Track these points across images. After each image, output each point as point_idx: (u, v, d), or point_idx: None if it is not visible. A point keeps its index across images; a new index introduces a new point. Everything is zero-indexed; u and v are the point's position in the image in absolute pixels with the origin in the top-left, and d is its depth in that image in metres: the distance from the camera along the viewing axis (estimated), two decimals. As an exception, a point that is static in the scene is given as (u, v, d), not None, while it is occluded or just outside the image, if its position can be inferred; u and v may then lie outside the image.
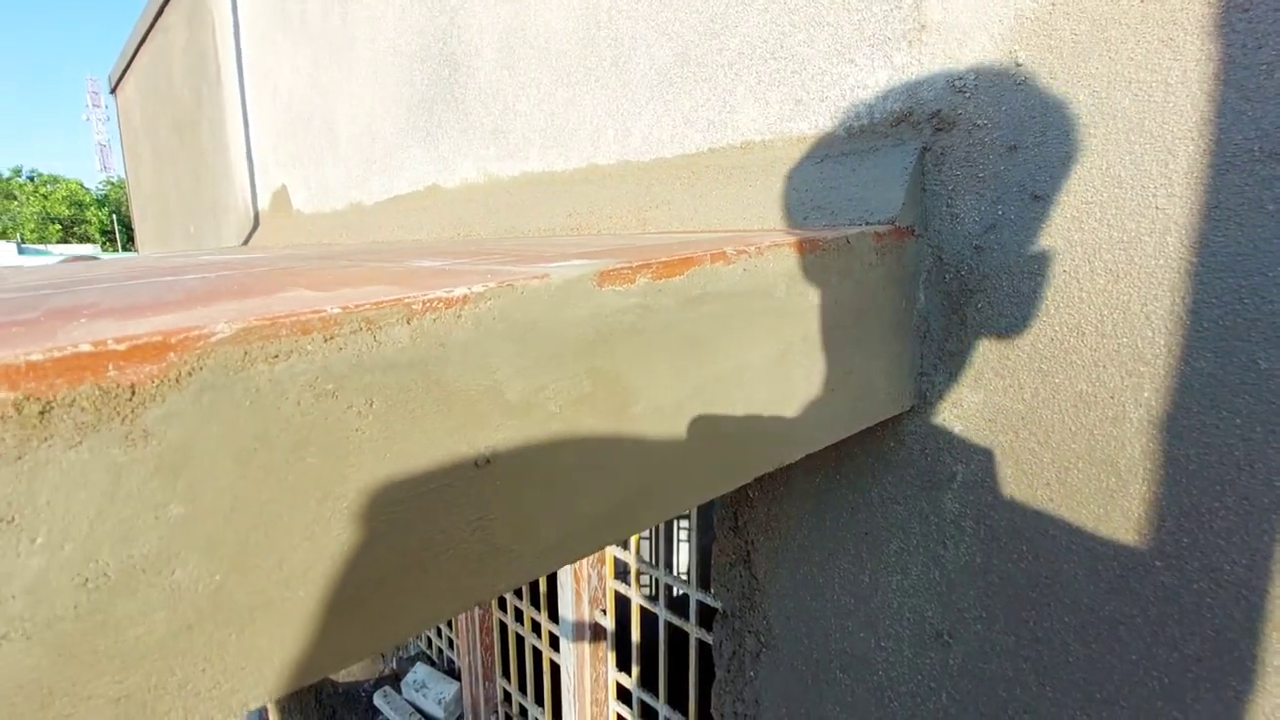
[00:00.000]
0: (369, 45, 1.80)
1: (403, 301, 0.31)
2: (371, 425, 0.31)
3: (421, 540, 0.33)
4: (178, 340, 0.25)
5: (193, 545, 0.26)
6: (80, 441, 0.24)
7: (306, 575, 0.29)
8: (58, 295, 0.46)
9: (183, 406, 0.26)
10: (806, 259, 0.59)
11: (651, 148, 1.07)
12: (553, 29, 1.22)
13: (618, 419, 0.42)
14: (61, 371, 0.23)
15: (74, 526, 0.24)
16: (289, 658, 0.29)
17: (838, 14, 0.82)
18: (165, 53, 3.90)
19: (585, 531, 0.42)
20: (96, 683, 0.24)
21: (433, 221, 1.61)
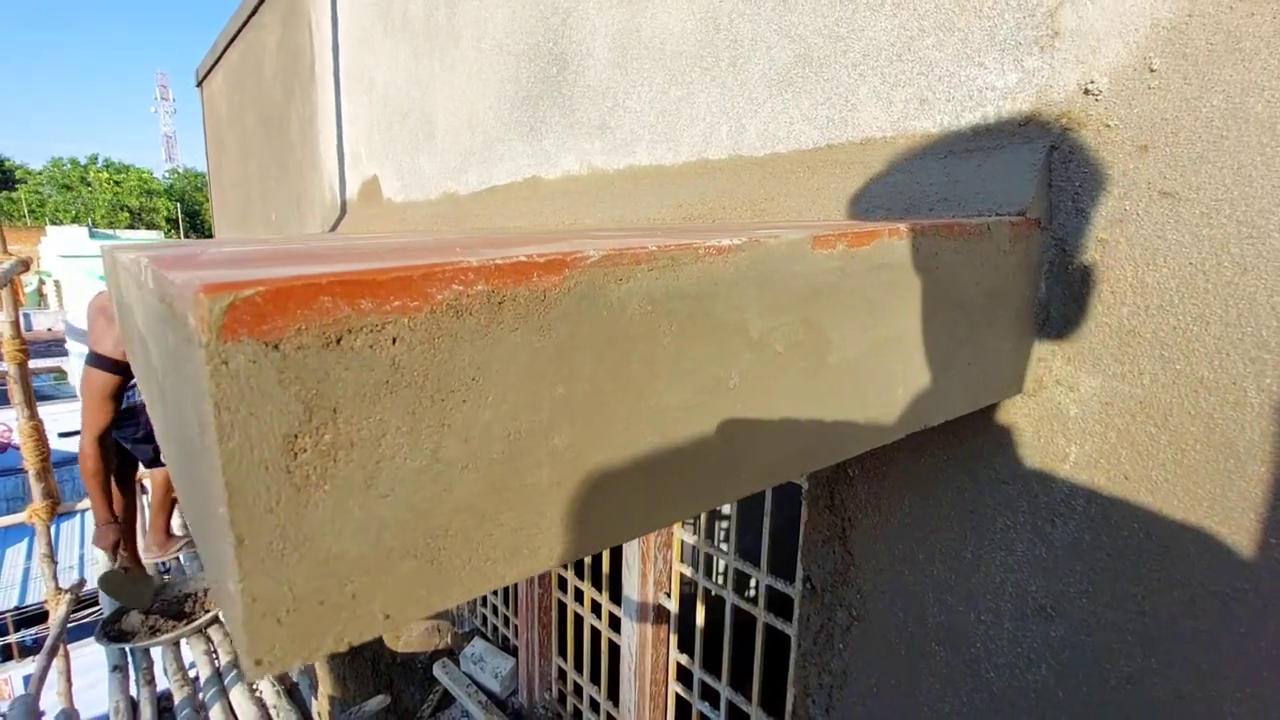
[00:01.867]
0: (475, 44, 1.91)
1: (691, 245, 0.39)
2: (670, 342, 0.39)
3: (690, 441, 0.40)
4: (571, 259, 0.33)
5: (566, 419, 0.34)
6: (517, 328, 0.31)
7: (625, 455, 0.37)
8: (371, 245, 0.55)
9: (569, 310, 0.34)
10: (957, 241, 0.65)
11: (767, 143, 1.14)
12: (669, 30, 1.30)
13: (819, 364, 0.49)
14: (510, 274, 0.31)
15: (508, 392, 0.31)
16: (611, 518, 0.37)
17: (969, 21, 0.88)
18: (256, 50, 4.12)
19: (786, 459, 0.48)
20: (505, 514, 0.32)
21: (533, 211, 1.71)
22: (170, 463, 0.43)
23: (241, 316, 0.23)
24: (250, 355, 0.24)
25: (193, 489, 0.32)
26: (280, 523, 0.25)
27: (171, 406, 0.37)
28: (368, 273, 0.27)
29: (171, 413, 0.38)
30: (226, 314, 0.23)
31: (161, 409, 0.46)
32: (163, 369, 0.40)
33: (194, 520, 0.34)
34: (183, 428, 0.32)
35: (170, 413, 0.39)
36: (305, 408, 0.25)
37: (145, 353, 0.53)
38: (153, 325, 0.41)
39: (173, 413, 0.37)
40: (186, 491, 0.35)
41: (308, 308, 0.25)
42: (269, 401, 0.24)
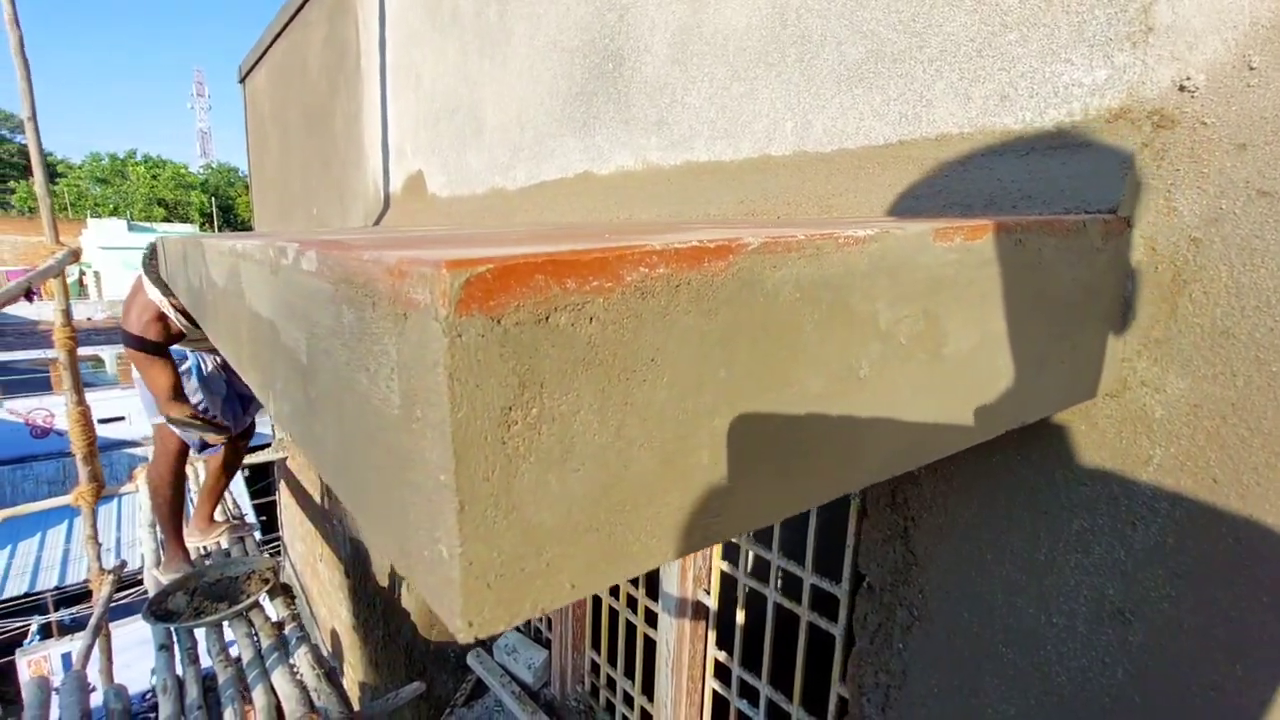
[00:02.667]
0: (527, 40, 1.93)
1: (833, 235, 0.39)
2: (813, 329, 0.39)
3: (824, 429, 0.41)
4: (736, 245, 0.34)
5: (725, 402, 0.35)
6: (690, 311, 0.32)
7: (770, 441, 0.38)
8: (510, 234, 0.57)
9: (732, 295, 0.34)
10: (1058, 238, 0.64)
11: (834, 139, 1.13)
12: (732, 26, 1.30)
13: (935, 357, 0.49)
14: (687, 258, 0.32)
15: (680, 374, 0.32)
16: (755, 502, 0.38)
17: (1055, 16, 0.87)
18: (301, 46, 4.20)
19: (904, 451, 0.49)
20: (671, 493, 0.33)
21: (586, 207, 1.72)
22: (314, 441, 0.45)
23: (474, 292, 0.24)
24: (480, 329, 0.25)
25: (370, 462, 0.33)
26: (494, 491, 0.26)
27: (332, 383, 0.39)
28: (572, 253, 0.28)
29: (331, 389, 0.39)
30: (464, 289, 0.24)
31: (300, 387, 0.47)
32: (318, 347, 0.41)
33: (365, 494, 0.35)
34: (361, 403, 0.34)
35: (326, 389, 0.40)
36: (519, 381, 0.26)
37: (269, 333, 0.55)
38: (306, 304, 0.42)
39: (334, 389, 0.39)
40: (352, 466, 0.36)
41: (525, 285, 0.26)
42: (492, 375, 0.25)
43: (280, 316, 0.50)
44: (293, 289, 0.46)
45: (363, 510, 0.36)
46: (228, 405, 3.43)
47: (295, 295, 0.45)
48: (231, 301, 0.75)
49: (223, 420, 3.36)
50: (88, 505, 4.46)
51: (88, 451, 4.35)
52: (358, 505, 0.37)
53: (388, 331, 0.29)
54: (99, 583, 4.31)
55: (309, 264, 0.40)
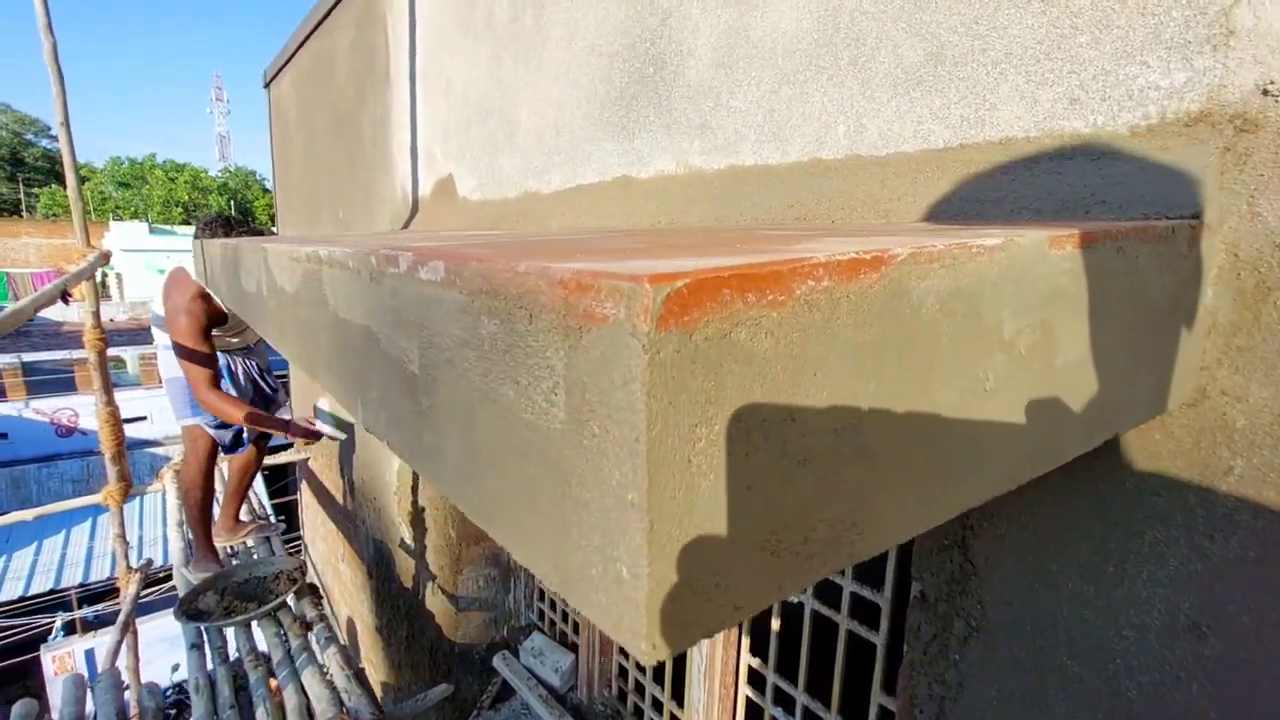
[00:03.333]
0: (564, 45, 1.93)
1: (967, 245, 0.39)
2: (949, 341, 0.38)
3: (953, 444, 0.40)
4: (887, 255, 0.33)
5: (873, 416, 0.34)
6: (847, 323, 0.32)
7: (908, 454, 0.37)
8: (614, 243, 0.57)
9: (882, 306, 0.34)
10: (1151, 245, 0.63)
11: (890, 143, 1.12)
12: (780, 30, 1.29)
13: (1047, 368, 0.48)
14: (845, 270, 0.31)
15: (836, 388, 0.32)
16: (897, 518, 0.37)
17: (1130, 18, 0.85)
18: (328, 52, 4.24)
19: (1019, 464, 0.48)
20: (826, 509, 0.32)
21: (625, 210, 1.72)
22: (425, 450, 0.45)
23: (673, 307, 0.24)
24: (675, 345, 0.24)
25: (512, 476, 0.33)
26: (679, 510, 0.25)
27: (459, 394, 0.39)
28: (751, 266, 0.27)
29: (457, 400, 0.39)
30: (664, 304, 0.24)
31: (406, 397, 0.47)
32: (439, 358, 0.41)
33: (501, 507, 0.34)
34: (503, 416, 0.33)
35: (449, 400, 0.40)
36: (706, 399, 0.26)
37: (362, 341, 0.55)
38: (424, 314, 0.42)
39: (462, 400, 0.38)
40: (484, 478, 0.36)
41: (714, 299, 0.25)
42: (684, 392, 0.25)
43: (383, 325, 0.50)
44: (403, 298, 0.46)
45: (496, 522, 0.36)
46: (255, 405, 3.48)
47: (407, 305, 0.45)
48: (305, 308, 0.75)
49: None
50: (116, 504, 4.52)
51: (116, 451, 4.41)
52: (488, 517, 0.37)
53: (551, 345, 0.28)
54: (126, 580, 4.37)
55: (431, 274, 0.40)
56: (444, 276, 0.39)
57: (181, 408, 3.27)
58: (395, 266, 0.46)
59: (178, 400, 3.27)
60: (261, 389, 3.60)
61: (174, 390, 3.26)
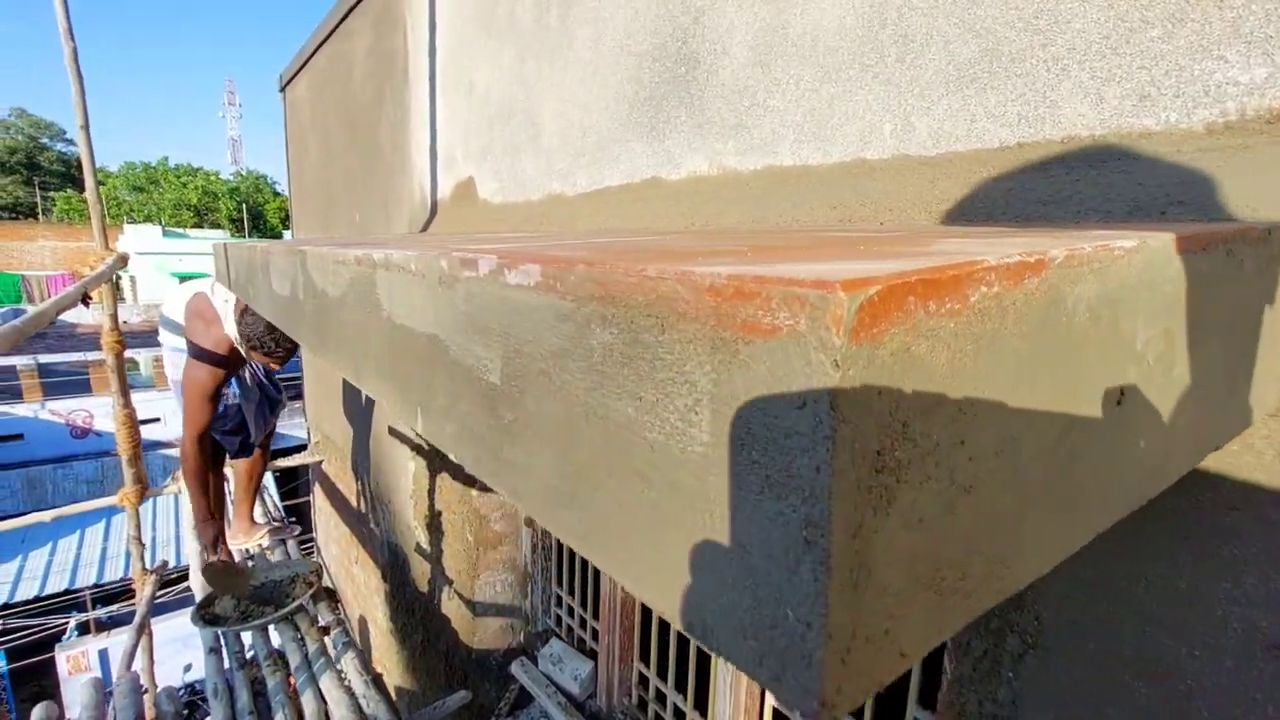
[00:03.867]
0: (591, 45, 1.91)
1: (1108, 247, 0.36)
2: (1092, 350, 0.35)
3: (1093, 458, 0.37)
4: (1046, 259, 0.30)
5: (1031, 433, 0.31)
6: (1013, 333, 0.29)
7: (1058, 472, 0.34)
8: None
9: (1041, 314, 0.31)
10: (1254, 248, 0.59)
11: (940, 142, 1.09)
12: (821, 27, 1.26)
13: (1168, 379, 0.45)
14: (1012, 275, 0.28)
15: (999, 403, 0.29)
16: (1049, 542, 0.34)
17: (1205, 11, 0.82)
18: (345, 55, 4.24)
19: (1146, 480, 0.44)
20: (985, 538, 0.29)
21: (655, 212, 1.69)
22: (506, 465, 0.42)
23: (864, 317, 0.21)
24: (864, 361, 0.21)
25: (629, 502, 0.30)
26: (858, 549, 0.22)
27: (557, 408, 0.36)
28: (933, 271, 0.24)
29: (554, 415, 0.36)
30: (857, 314, 0.21)
31: (484, 409, 0.44)
32: (531, 368, 0.38)
33: (610, 533, 0.31)
34: (618, 434, 0.30)
35: (542, 414, 0.37)
36: (887, 421, 0.23)
37: (428, 348, 0.52)
38: (510, 321, 0.39)
39: (561, 415, 0.35)
40: (588, 502, 0.33)
41: (900, 309, 0.22)
42: (869, 414, 0.22)
43: (453, 332, 0.47)
44: (482, 304, 0.43)
45: (600, 548, 0.33)
46: (259, 410, 3.48)
47: (487, 311, 0.42)
48: (352, 312, 0.72)
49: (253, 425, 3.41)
50: (132, 506, 4.52)
51: (133, 453, 4.41)
52: (588, 541, 0.34)
53: (692, 358, 0.25)
54: (142, 582, 4.37)
55: (523, 278, 0.37)
56: (540, 281, 0.36)
57: None
58: (473, 270, 0.44)
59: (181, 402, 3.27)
60: (267, 391, 3.59)
61: (178, 391, 3.27)
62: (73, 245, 30.56)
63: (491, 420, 0.43)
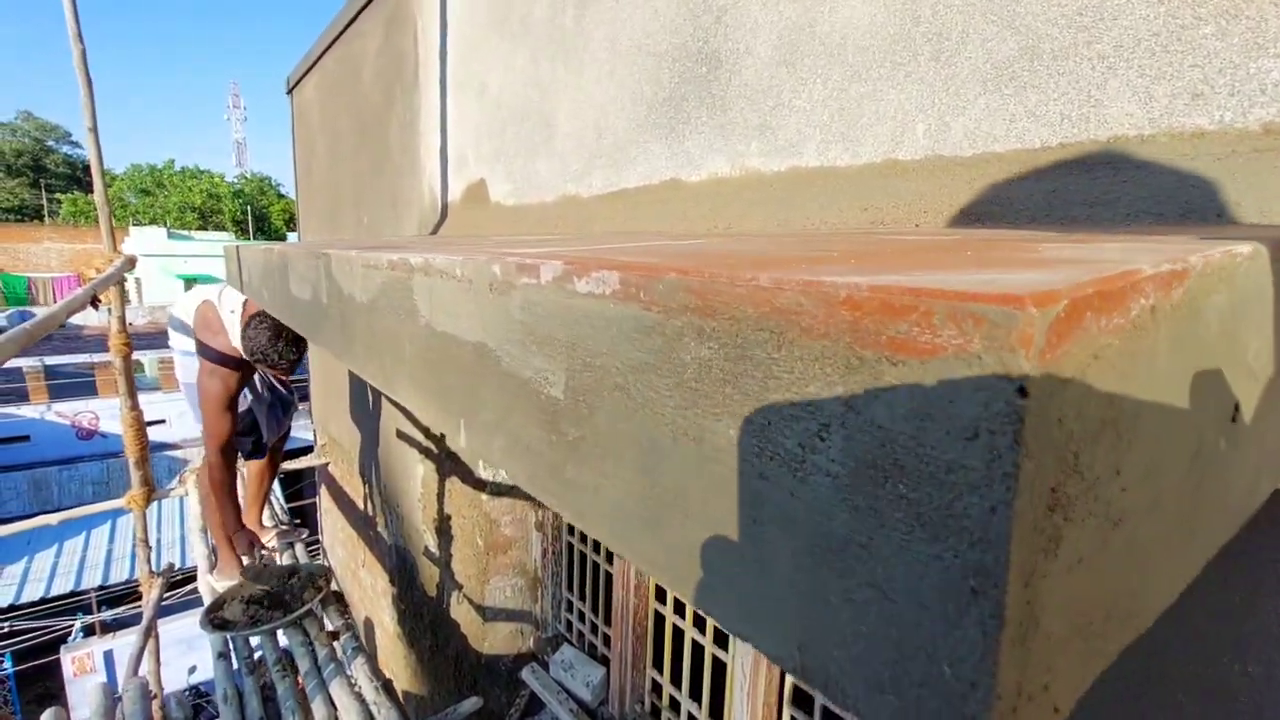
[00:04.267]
0: (608, 45, 1.89)
1: (1233, 253, 0.33)
2: (1222, 361, 0.33)
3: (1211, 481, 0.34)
4: (1190, 268, 0.28)
5: (1168, 456, 0.29)
6: (1164, 349, 0.26)
7: (1183, 496, 0.31)
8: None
9: (1182, 328, 0.28)
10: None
11: (977, 143, 1.06)
12: (852, 25, 1.23)
13: (1268, 394, 0.42)
14: (1163, 284, 0.26)
15: (1144, 423, 0.26)
16: (1175, 571, 0.32)
17: (1261, 7, 0.79)
18: (354, 57, 4.23)
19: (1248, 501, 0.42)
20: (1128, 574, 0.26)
21: (675, 214, 1.66)
22: (568, 485, 0.39)
23: (1051, 337, 0.18)
24: (1051, 386, 0.18)
25: (728, 534, 0.27)
26: (1029, 598, 0.20)
27: (634, 427, 0.33)
28: (1103, 282, 0.21)
29: (630, 434, 0.33)
30: (1048, 332, 0.18)
31: (543, 424, 0.42)
32: (606, 383, 0.35)
33: (700, 566, 0.29)
34: (716, 460, 0.28)
35: (615, 433, 0.35)
36: (1064, 452, 0.20)
37: (474, 358, 0.50)
38: (579, 332, 0.37)
39: (640, 434, 0.33)
40: (675, 531, 0.30)
41: (1079, 326, 0.20)
42: (1049, 447, 0.19)
43: (506, 341, 0.45)
44: (542, 313, 0.40)
45: (689, 580, 0.30)
46: (272, 412, 3.46)
47: (549, 321, 0.40)
48: (384, 318, 0.70)
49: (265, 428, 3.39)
50: (139, 509, 4.51)
51: (140, 456, 4.40)
52: (674, 572, 0.31)
53: (818, 378, 0.23)
54: (149, 585, 4.36)
55: (596, 286, 0.35)
56: (618, 290, 0.33)
57: (197, 412, 3.26)
58: (533, 277, 0.41)
59: (194, 404, 3.26)
60: (279, 393, 3.57)
61: (189, 394, 3.25)
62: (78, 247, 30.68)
63: (552, 436, 0.41)
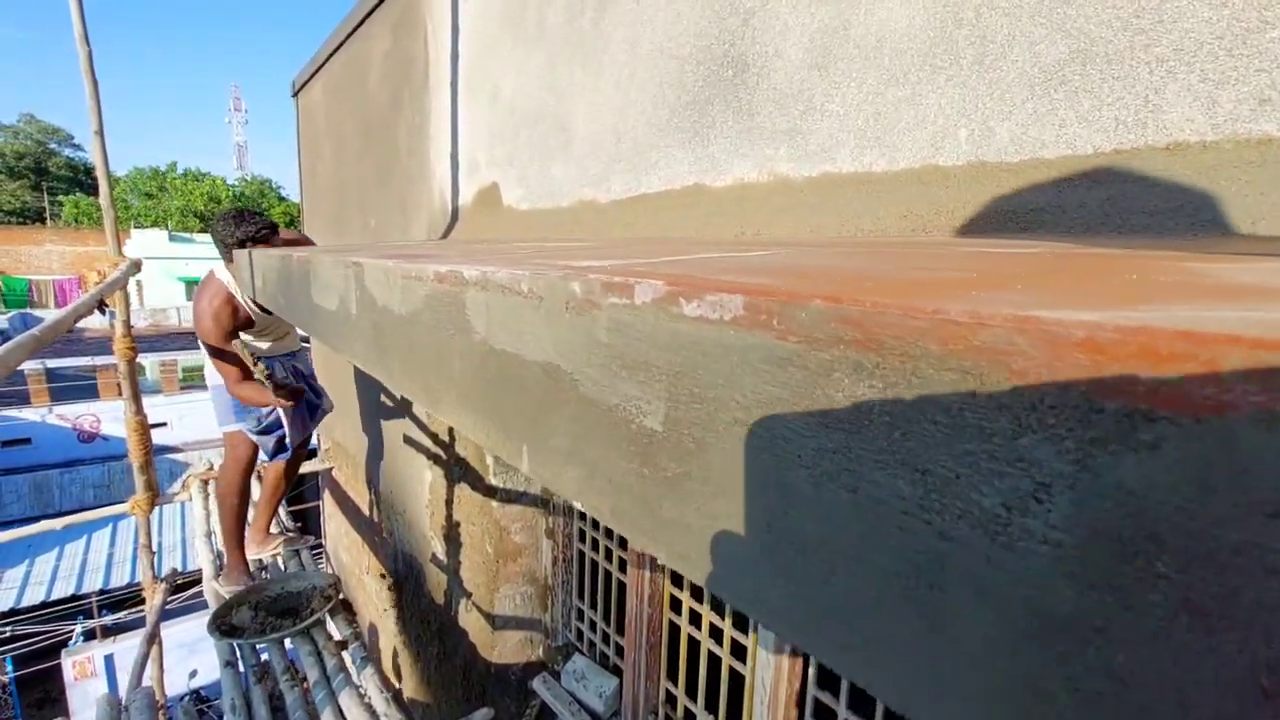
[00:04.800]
0: (628, 48, 1.86)
1: None
2: None
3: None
4: None
5: None
6: None
7: None
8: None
9: None
10: None
11: (1024, 148, 1.03)
12: (889, 28, 1.21)
13: None
14: None
15: None
16: None
17: (1338, 6, 0.76)
18: (361, 60, 4.21)
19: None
20: None
21: (699, 221, 1.63)
22: (663, 525, 0.36)
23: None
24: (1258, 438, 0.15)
25: (914, 604, 0.24)
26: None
27: (761, 470, 0.30)
28: None
29: (758, 478, 0.30)
30: None
31: (631, 457, 0.38)
32: (721, 417, 0.32)
33: (879, 640, 0.26)
34: (884, 513, 0.25)
35: (733, 475, 0.31)
36: None
37: (541, 380, 0.46)
38: (680, 360, 0.33)
39: (768, 478, 0.30)
40: (832, 594, 0.27)
41: None
42: None
43: (586, 365, 0.42)
44: (637, 336, 0.37)
45: (834, 645, 0.27)
46: (298, 414, 3.42)
47: (645, 345, 0.36)
48: (429, 333, 0.67)
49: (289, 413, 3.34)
50: (143, 514, 4.48)
51: (144, 460, 4.37)
52: (824, 640, 0.28)
53: (1036, 430, 0.20)
54: (152, 591, 4.32)
55: (711, 310, 0.32)
56: (742, 315, 0.30)
57: (225, 414, 3.24)
58: (624, 297, 0.38)
59: (221, 406, 3.23)
60: (306, 393, 3.54)
61: (216, 396, 3.22)
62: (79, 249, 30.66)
63: (645, 470, 0.37)
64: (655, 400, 0.36)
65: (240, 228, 2.71)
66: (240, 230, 2.70)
